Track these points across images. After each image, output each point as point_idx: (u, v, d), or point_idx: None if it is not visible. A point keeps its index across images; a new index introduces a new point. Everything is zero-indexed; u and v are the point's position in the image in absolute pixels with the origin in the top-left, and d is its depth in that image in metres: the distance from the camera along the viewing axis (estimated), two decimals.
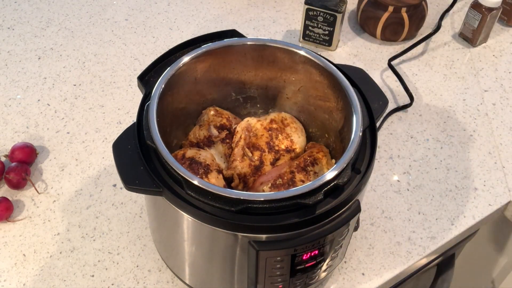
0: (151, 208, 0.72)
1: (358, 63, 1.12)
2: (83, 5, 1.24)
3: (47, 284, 0.78)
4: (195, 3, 1.26)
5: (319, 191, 0.60)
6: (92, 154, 0.94)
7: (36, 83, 1.06)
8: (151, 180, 0.62)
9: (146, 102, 0.68)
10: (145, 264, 0.80)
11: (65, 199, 0.87)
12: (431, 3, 1.24)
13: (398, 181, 0.91)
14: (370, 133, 0.69)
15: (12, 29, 1.17)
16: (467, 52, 1.16)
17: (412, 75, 1.11)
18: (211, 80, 0.79)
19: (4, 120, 0.99)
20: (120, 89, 1.05)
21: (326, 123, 0.79)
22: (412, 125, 1.01)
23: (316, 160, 0.75)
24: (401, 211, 0.87)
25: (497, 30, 1.21)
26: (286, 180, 0.72)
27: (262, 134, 0.79)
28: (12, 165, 0.87)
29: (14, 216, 0.85)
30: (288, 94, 0.82)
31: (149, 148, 0.64)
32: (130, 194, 0.87)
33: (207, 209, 0.60)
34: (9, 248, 0.81)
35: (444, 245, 0.84)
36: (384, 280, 0.80)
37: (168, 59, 0.75)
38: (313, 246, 0.62)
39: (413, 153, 0.95)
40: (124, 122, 0.99)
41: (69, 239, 0.82)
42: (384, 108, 0.72)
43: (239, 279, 0.68)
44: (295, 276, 0.66)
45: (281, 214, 0.60)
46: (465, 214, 0.87)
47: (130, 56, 1.12)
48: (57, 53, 1.12)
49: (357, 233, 0.84)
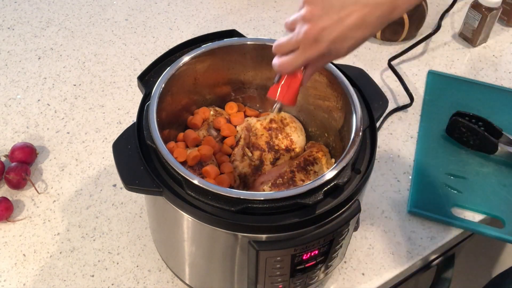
0: (151, 208, 0.72)
1: (358, 63, 1.12)
2: (83, 5, 1.24)
3: (47, 284, 0.78)
4: (195, 3, 1.26)
5: (319, 191, 0.60)
6: (92, 154, 0.94)
7: (36, 83, 1.06)
8: (151, 180, 0.62)
9: (146, 102, 0.68)
10: (145, 264, 0.80)
11: (65, 199, 0.87)
12: (431, 3, 1.24)
13: (398, 181, 0.91)
14: (370, 133, 0.69)
15: (12, 29, 1.17)
16: (467, 52, 1.16)
17: (412, 75, 1.11)
18: (211, 80, 0.79)
19: (4, 120, 0.99)
20: (120, 89, 1.05)
21: (325, 123, 0.79)
22: (412, 125, 1.01)
23: (315, 160, 0.75)
24: (401, 211, 0.87)
25: (497, 30, 1.21)
26: (286, 179, 0.72)
27: (262, 133, 0.79)
28: (12, 165, 0.87)
29: (14, 216, 0.85)
30: None
31: (149, 148, 0.64)
32: (130, 194, 0.87)
33: (207, 209, 0.60)
34: (9, 248, 0.81)
35: (444, 245, 0.84)
36: (384, 280, 0.80)
37: (168, 59, 0.75)
38: (313, 246, 0.62)
39: (413, 153, 0.95)
40: (124, 122, 0.99)
41: (69, 239, 0.82)
42: (384, 108, 0.72)
43: (239, 279, 0.68)
44: (295, 276, 0.66)
45: (281, 214, 0.60)
46: (465, 214, 0.87)
47: (130, 56, 1.12)
48: (57, 53, 1.12)
49: (357, 233, 0.84)
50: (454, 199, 0.88)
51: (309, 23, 0.56)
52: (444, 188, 0.89)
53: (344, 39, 0.56)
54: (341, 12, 0.54)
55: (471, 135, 0.93)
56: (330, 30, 0.55)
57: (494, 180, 0.90)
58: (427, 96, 1.05)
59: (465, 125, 0.93)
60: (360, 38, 0.56)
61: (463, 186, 0.89)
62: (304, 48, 0.58)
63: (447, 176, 0.91)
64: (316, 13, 0.55)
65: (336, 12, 0.55)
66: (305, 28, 0.56)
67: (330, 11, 0.55)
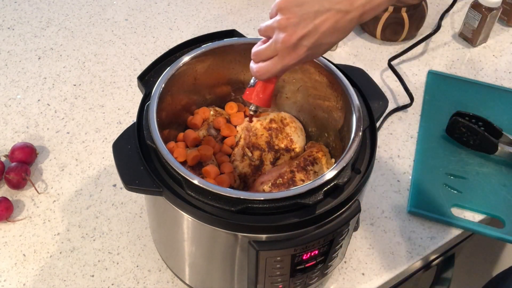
0: (151, 208, 0.72)
1: (358, 63, 1.12)
2: (83, 5, 1.24)
3: (47, 284, 0.78)
4: (195, 3, 1.26)
5: (319, 190, 0.60)
6: (92, 154, 0.94)
7: (36, 83, 1.06)
8: (151, 180, 0.62)
9: (146, 102, 0.68)
10: (145, 264, 0.80)
11: (65, 199, 0.87)
12: (431, 3, 1.24)
13: (398, 181, 0.92)
14: (370, 133, 0.69)
15: (12, 29, 1.17)
16: (467, 52, 1.16)
17: (412, 75, 1.11)
18: (210, 80, 0.79)
19: (4, 120, 0.99)
20: (120, 89, 1.05)
21: (325, 123, 0.79)
22: (412, 125, 1.01)
23: (315, 160, 0.75)
24: (401, 211, 0.87)
25: (497, 30, 1.21)
26: (286, 179, 0.72)
27: (262, 133, 0.79)
28: (12, 165, 0.87)
29: (14, 216, 0.85)
30: (287, 94, 0.82)
31: (149, 148, 0.64)
32: (130, 194, 0.87)
33: (207, 209, 0.60)
34: (9, 248, 0.81)
35: (444, 245, 0.84)
36: (384, 280, 0.80)
37: (168, 59, 0.75)
38: (313, 246, 0.62)
39: (413, 153, 0.95)
40: (124, 122, 0.99)
41: (69, 239, 0.82)
42: (384, 108, 0.72)
43: (239, 279, 0.68)
44: (295, 276, 0.66)
45: (281, 214, 0.60)
46: (465, 214, 0.87)
47: (130, 56, 1.12)
48: (57, 53, 1.12)
49: (357, 233, 0.84)
50: (454, 199, 0.88)
51: (285, 31, 0.58)
52: (444, 188, 0.89)
53: (320, 44, 0.59)
54: (316, 20, 0.57)
55: (471, 135, 0.93)
56: (307, 38, 0.58)
57: (494, 180, 0.90)
58: (427, 96, 1.05)
59: (465, 125, 0.93)
60: (334, 42, 0.59)
61: (463, 186, 0.89)
62: (283, 56, 0.60)
63: (447, 176, 0.91)
64: (293, 21, 0.57)
65: (311, 19, 0.57)
66: (282, 37, 0.58)
67: (306, 19, 0.57)
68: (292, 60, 0.60)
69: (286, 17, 0.57)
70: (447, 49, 1.17)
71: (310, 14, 0.57)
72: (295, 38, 0.58)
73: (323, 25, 0.57)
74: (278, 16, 0.58)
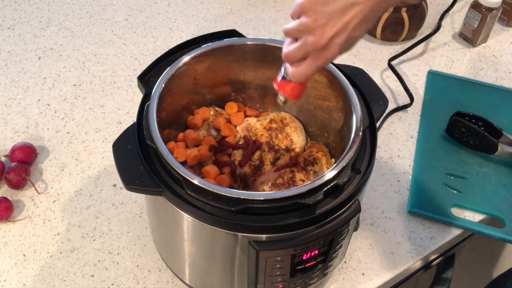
0: (151, 208, 0.72)
1: (358, 63, 1.12)
2: (83, 5, 1.24)
3: (47, 284, 0.78)
4: (195, 3, 1.26)
5: (319, 190, 0.60)
6: (92, 154, 0.94)
7: (36, 83, 1.06)
8: (151, 180, 0.62)
9: (146, 102, 0.68)
10: (145, 264, 0.80)
11: (65, 199, 0.87)
12: (431, 3, 1.24)
13: (398, 181, 0.91)
14: (370, 133, 0.69)
15: (12, 29, 1.17)
16: (467, 52, 1.16)
17: (412, 75, 1.11)
18: (210, 80, 0.79)
19: (4, 120, 0.99)
20: (120, 89, 1.05)
21: (325, 123, 0.79)
22: (412, 125, 1.01)
23: (315, 160, 0.75)
24: (401, 211, 0.87)
25: (497, 30, 1.21)
26: (286, 179, 0.72)
27: (262, 133, 0.79)
28: (12, 165, 0.87)
29: (14, 216, 0.85)
30: None
31: (149, 148, 0.64)
32: (130, 194, 0.87)
33: (207, 209, 0.60)
34: (9, 248, 0.81)
35: (444, 245, 0.84)
36: (384, 280, 0.80)
37: (168, 59, 0.75)
38: (313, 246, 0.62)
39: (413, 153, 0.95)
40: (124, 122, 0.99)
41: (69, 239, 0.82)
42: (384, 108, 0.72)
43: (239, 279, 0.68)
44: (295, 276, 0.66)
45: (281, 214, 0.60)
46: (465, 214, 0.87)
47: (130, 56, 1.12)
48: (57, 53, 1.12)
49: (357, 233, 0.84)
50: (454, 199, 0.88)
51: (314, 34, 0.56)
52: (444, 188, 0.89)
53: (350, 39, 0.57)
54: (344, 16, 0.55)
55: (471, 135, 0.93)
56: (338, 36, 0.56)
57: (494, 180, 0.90)
58: (427, 96, 1.05)
59: (465, 125, 0.93)
60: (364, 33, 0.58)
61: (463, 186, 0.89)
62: (315, 58, 0.58)
63: (447, 176, 0.91)
64: (320, 22, 0.55)
65: (340, 16, 0.55)
66: (312, 40, 0.56)
67: (333, 17, 0.55)
68: (327, 59, 0.58)
69: (312, 19, 0.55)
70: (447, 49, 1.17)
71: (337, 12, 0.54)
72: (326, 39, 0.56)
73: (353, 20, 0.55)
74: (304, 18, 0.56)
